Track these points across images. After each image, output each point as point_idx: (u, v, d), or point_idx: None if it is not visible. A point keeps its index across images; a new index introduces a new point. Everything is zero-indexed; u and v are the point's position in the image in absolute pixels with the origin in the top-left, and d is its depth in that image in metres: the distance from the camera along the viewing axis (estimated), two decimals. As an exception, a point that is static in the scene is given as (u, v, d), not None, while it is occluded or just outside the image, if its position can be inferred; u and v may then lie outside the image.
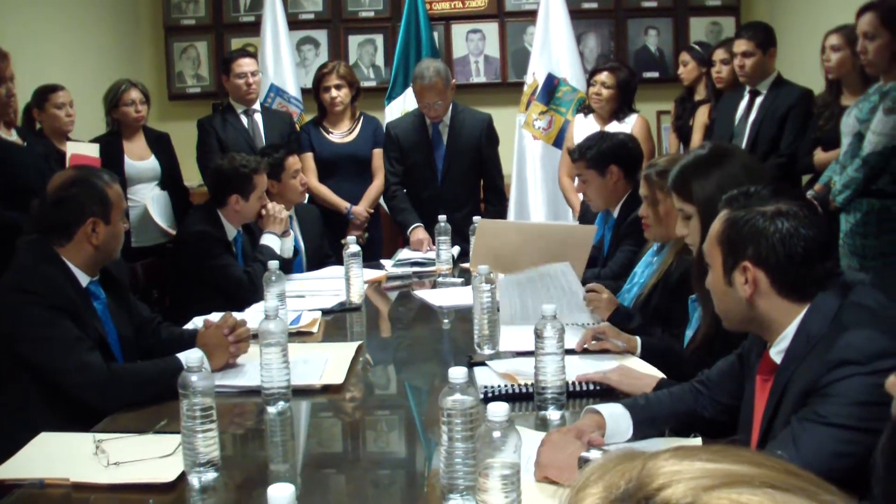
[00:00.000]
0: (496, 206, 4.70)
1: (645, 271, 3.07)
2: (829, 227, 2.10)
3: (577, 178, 3.79)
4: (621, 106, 4.79)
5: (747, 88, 4.36)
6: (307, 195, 4.50)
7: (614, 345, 2.57)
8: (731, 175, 2.23)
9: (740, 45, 4.30)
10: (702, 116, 4.87)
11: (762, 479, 0.59)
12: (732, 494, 0.58)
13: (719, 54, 4.74)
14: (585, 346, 2.58)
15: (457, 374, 1.65)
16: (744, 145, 4.24)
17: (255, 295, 3.41)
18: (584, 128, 4.76)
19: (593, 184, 3.62)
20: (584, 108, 5.02)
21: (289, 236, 3.98)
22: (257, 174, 3.74)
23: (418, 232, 4.41)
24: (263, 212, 3.85)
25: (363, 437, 2.30)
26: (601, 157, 3.56)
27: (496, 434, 1.49)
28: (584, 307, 2.97)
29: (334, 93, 4.66)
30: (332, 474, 2.03)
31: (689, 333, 2.56)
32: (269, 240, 3.81)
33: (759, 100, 4.30)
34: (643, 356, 2.54)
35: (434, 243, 4.10)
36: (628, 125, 4.71)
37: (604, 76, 4.78)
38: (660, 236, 2.94)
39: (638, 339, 2.59)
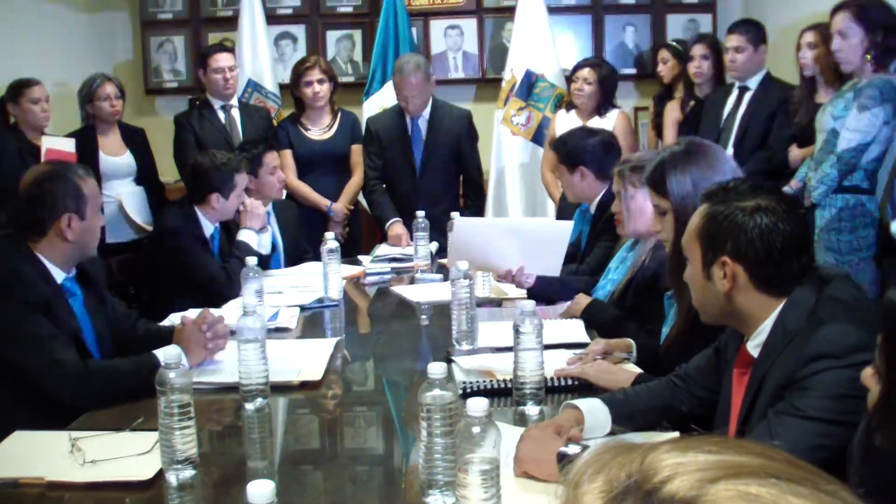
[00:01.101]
0: (475, 201, 4.71)
1: (619, 268, 3.08)
2: (806, 222, 2.12)
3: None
4: (603, 101, 4.81)
5: (736, 84, 4.38)
6: (285, 192, 4.47)
7: (618, 357, 2.54)
8: (706, 171, 2.24)
9: (732, 41, 4.32)
10: (673, 112, 4.89)
11: (766, 470, 0.59)
12: (740, 486, 0.57)
13: (698, 49, 4.76)
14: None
15: (436, 369, 1.65)
16: (731, 140, 4.26)
17: (232, 291, 3.39)
18: (566, 123, 4.77)
19: (564, 178, 3.66)
20: (566, 103, 5.04)
21: (266, 232, 3.96)
22: (238, 173, 3.72)
23: (396, 227, 4.40)
24: (241, 208, 3.82)
25: (341, 434, 2.30)
26: (571, 155, 3.57)
27: (476, 429, 1.49)
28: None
29: (317, 87, 4.64)
30: (310, 471, 2.03)
31: (665, 331, 2.56)
32: (245, 235, 3.79)
33: (748, 95, 4.32)
34: (638, 357, 2.54)
35: (412, 239, 4.10)
36: (610, 121, 4.73)
37: (585, 72, 4.81)
38: (631, 231, 2.97)
39: (632, 341, 2.59)
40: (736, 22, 4.61)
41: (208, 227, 3.72)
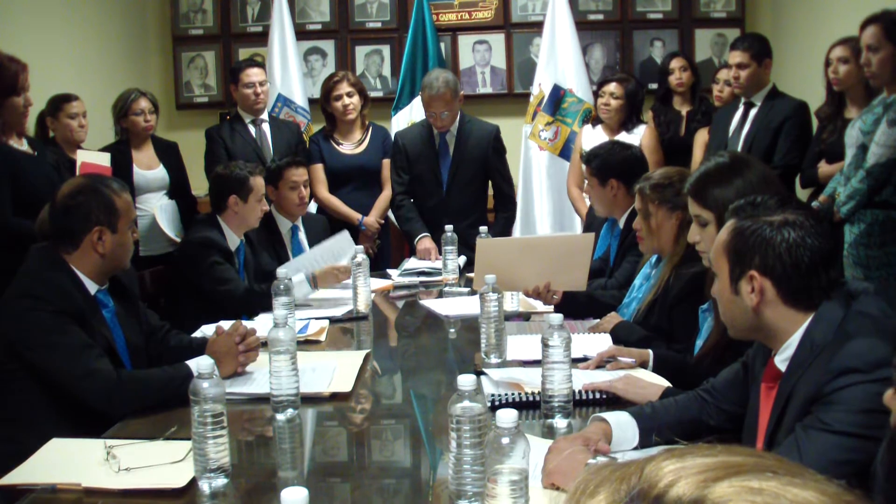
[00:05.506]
0: (506, 212, 4.73)
1: (643, 285, 3.08)
2: (834, 236, 2.12)
3: (586, 181, 3.82)
4: (630, 116, 4.82)
5: (742, 100, 4.37)
6: (316, 205, 4.52)
7: (626, 363, 2.58)
8: (750, 184, 2.20)
9: (735, 57, 4.31)
10: (702, 136, 4.85)
11: (762, 467, 0.62)
12: (743, 482, 0.60)
13: (723, 74, 4.78)
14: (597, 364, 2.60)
15: (466, 381, 1.67)
16: None
17: (247, 309, 3.43)
18: (592, 138, 4.78)
19: (594, 191, 3.66)
20: (593, 118, 5.05)
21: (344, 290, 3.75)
22: (253, 176, 3.78)
23: (425, 241, 4.43)
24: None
25: (369, 446, 2.32)
26: (603, 168, 3.58)
27: (505, 440, 1.51)
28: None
29: (347, 100, 4.69)
30: (339, 482, 2.04)
31: (698, 343, 2.56)
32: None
33: (753, 111, 4.31)
34: (655, 368, 2.55)
35: (440, 253, 4.13)
36: (637, 136, 4.73)
37: (612, 87, 4.82)
38: (651, 249, 2.97)
39: (650, 351, 2.60)
40: (739, 37, 4.60)
41: (234, 241, 3.77)
